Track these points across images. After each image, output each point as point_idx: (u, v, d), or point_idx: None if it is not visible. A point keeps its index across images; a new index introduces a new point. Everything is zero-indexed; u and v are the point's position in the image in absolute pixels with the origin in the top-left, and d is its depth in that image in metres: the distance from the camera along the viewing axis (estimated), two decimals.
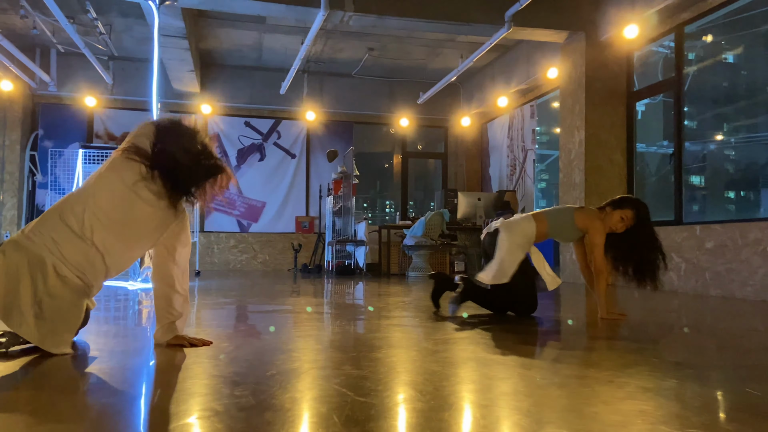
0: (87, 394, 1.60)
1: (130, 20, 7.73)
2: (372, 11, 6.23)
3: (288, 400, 1.48)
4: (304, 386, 1.65)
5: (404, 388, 1.63)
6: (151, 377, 1.82)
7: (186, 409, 1.40)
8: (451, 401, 1.51)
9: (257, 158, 10.30)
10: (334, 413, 1.35)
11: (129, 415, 1.39)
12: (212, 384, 1.66)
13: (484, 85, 9.56)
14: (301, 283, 6.73)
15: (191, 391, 1.58)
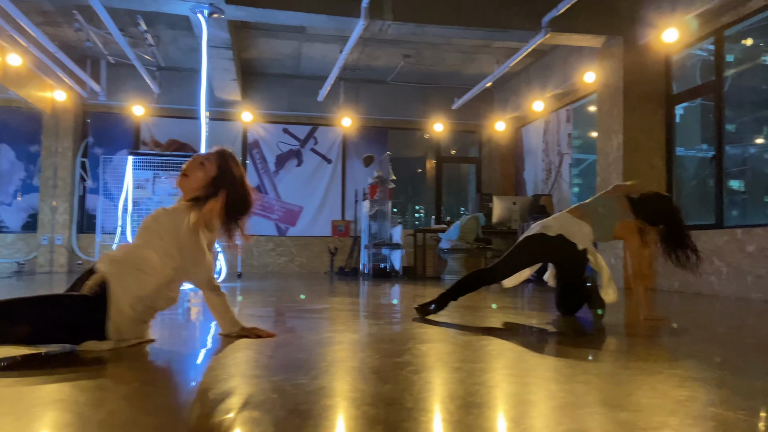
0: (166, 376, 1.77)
1: (176, 32, 8.05)
2: (410, 20, 6.39)
3: (346, 390, 1.63)
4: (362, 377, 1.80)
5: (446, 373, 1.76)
6: (216, 366, 1.99)
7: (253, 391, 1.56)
8: (501, 383, 1.63)
9: (295, 164, 10.55)
10: (402, 393, 1.49)
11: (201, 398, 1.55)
12: (270, 370, 1.82)
13: (520, 89, 9.62)
14: (341, 285, 6.90)
15: (250, 375, 1.74)
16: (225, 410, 1.35)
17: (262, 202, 10.40)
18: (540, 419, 1.31)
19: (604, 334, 2.93)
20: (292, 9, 6.15)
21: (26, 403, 1.40)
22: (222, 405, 1.40)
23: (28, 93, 8.40)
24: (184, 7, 6.05)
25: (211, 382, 1.69)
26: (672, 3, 6.08)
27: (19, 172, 9.70)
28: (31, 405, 1.37)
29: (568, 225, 3.45)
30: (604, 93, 7.07)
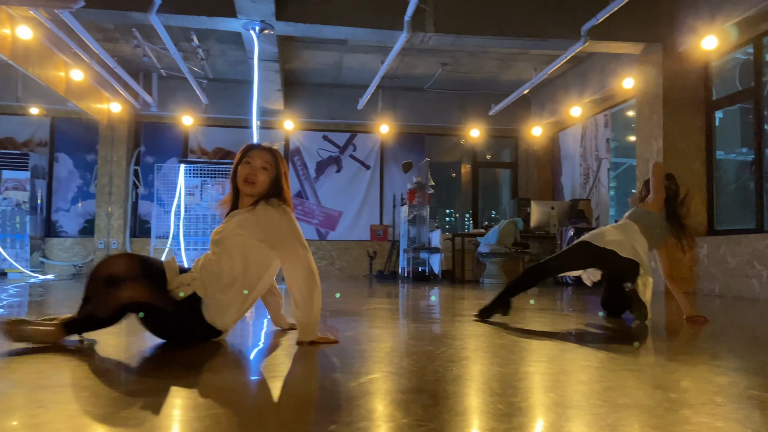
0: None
1: (225, 46, 8.45)
2: (451, 31, 6.61)
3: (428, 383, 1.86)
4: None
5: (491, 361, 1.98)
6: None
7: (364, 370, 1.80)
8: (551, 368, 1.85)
9: (334, 170, 10.87)
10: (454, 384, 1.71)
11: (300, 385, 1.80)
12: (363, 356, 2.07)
13: (557, 95, 9.73)
14: (383, 288, 7.14)
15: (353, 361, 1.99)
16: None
17: (303, 207, 10.75)
18: (596, 397, 1.52)
19: (648, 333, 3.10)
20: (338, 24, 6.44)
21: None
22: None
23: (87, 105, 8.91)
24: (237, 25, 6.40)
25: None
26: (711, 11, 6.16)
27: (77, 179, 10.26)
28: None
29: (624, 240, 3.46)
30: (643, 99, 7.17)
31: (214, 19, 6.30)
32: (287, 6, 6.32)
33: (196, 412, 1.31)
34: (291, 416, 1.30)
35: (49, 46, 7.26)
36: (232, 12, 6.16)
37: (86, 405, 1.38)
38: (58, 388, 1.54)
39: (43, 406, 1.33)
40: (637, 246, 3.44)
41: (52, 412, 1.29)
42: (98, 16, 6.40)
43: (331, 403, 1.42)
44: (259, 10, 6.05)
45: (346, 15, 6.43)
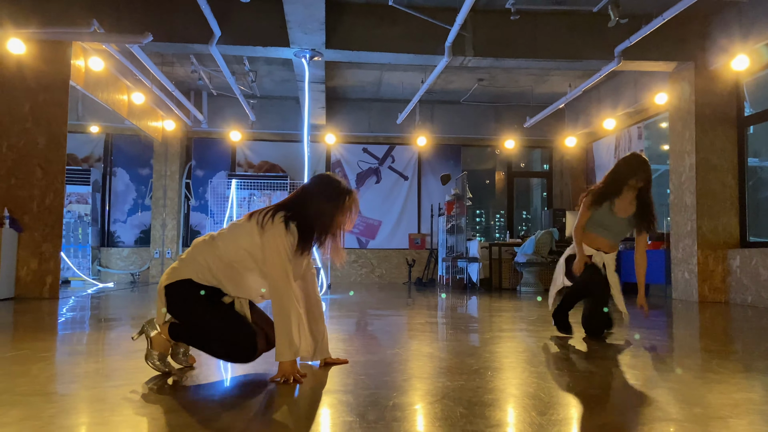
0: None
1: (272, 67, 8.96)
2: (489, 54, 6.98)
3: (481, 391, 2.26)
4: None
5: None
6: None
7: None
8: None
9: (374, 181, 11.31)
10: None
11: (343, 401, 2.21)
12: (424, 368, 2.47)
13: (590, 108, 9.98)
14: (422, 298, 7.53)
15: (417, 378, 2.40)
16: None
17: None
18: (631, 411, 1.90)
19: (678, 348, 3.42)
20: (382, 50, 6.87)
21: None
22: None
23: (144, 124, 9.54)
24: (289, 53, 6.88)
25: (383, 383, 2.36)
26: (742, 31, 6.39)
27: (132, 192, 10.93)
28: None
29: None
30: (675, 115, 7.41)
31: (268, 48, 6.80)
32: (335, 35, 6.77)
33: None
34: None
35: (115, 73, 7.88)
36: (285, 42, 6.65)
37: None
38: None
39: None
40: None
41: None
42: (163, 48, 6.97)
43: None
44: (311, 40, 6.52)
45: (391, 42, 6.85)
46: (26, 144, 6.37)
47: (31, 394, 1.99)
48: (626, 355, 3.01)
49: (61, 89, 6.40)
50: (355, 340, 3.47)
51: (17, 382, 2.17)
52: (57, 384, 2.22)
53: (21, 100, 6.36)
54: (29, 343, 3.17)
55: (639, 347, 3.28)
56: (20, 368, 2.44)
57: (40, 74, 6.34)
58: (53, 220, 6.37)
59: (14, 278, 6.17)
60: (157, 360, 2.30)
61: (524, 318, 4.86)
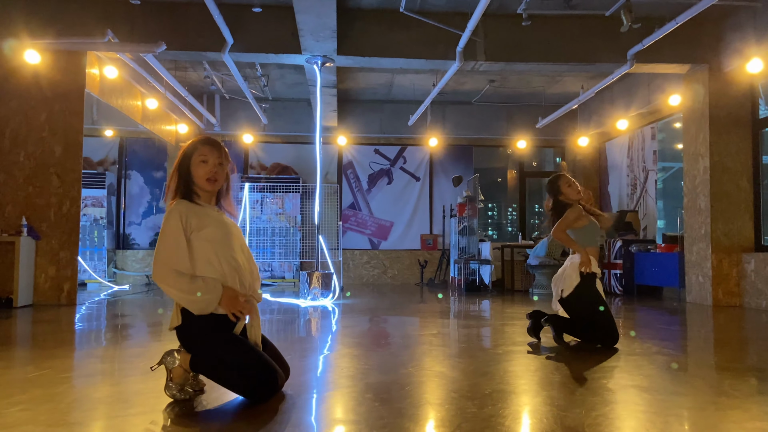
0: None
1: (284, 70, 8.99)
2: (501, 59, 6.96)
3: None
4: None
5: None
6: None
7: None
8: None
9: (386, 182, 11.34)
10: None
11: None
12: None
13: (603, 108, 9.92)
14: (436, 299, 7.55)
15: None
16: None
17: (357, 218, 11.26)
18: None
19: (692, 365, 3.42)
20: (394, 56, 6.88)
21: None
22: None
23: (157, 128, 9.62)
24: (301, 59, 6.91)
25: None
26: (757, 34, 6.31)
27: (147, 195, 11.04)
28: None
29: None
30: (689, 117, 7.34)
31: (280, 55, 6.83)
32: (347, 41, 6.79)
33: None
34: None
35: (129, 80, 7.96)
36: (297, 49, 6.68)
37: None
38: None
39: None
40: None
41: None
42: (176, 56, 7.03)
43: None
44: (322, 47, 6.54)
45: (402, 47, 6.85)
46: (43, 153, 6.46)
47: (54, 424, 2.05)
48: (637, 374, 3.01)
49: (76, 98, 6.48)
50: (367, 358, 3.50)
51: (40, 410, 2.23)
52: (78, 412, 2.27)
53: (38, 110, 6.45)
54: (50, 361, 3.24)
55: (652, 363, 3.28)
56: (43, 392, 2.50)
57: (56, 84, 6.42)
58: (70, 228, 6.47)
59: (32, 285, 6.28)
60: (175, 391, 2.35)
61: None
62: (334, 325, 5.14)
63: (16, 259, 6.00)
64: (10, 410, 2.21)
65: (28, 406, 2.28)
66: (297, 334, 4.67)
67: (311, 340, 4.28)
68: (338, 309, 6.31)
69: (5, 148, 6.38)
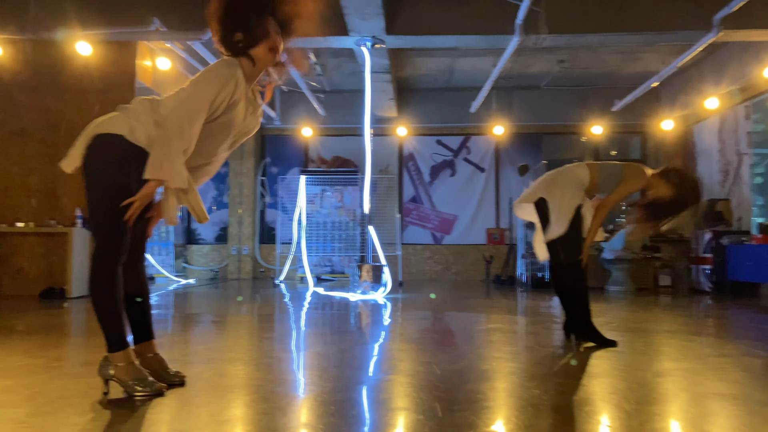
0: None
1: (340, 59, 8.73)
2: (566, 31, 6.33)
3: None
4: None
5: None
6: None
7: None
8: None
9: (448, 174, 10.84)
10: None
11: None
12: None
13: (689, 86, 8.96)
14: (505, 298, 7.02)
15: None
16: None
17: (418, 212, 10.84)
18: None
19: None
20: (447, 33, 6.42)
21: None
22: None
23: None
24: (350, 42, 6.60)
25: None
26: None
27: (212, 190, 11.16)
28: None
29: (565, 166, 3.53)
30: None
31: (328, 38, 6.55)
32: (397, 20, 6.40)
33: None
34: None
35: (183, 72, 7.97)
36: (344, 31, 6.37)
37: None
38: None
39: None
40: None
41: None
42: None
43: None
44: (370, 27, 6.19)
45: (456, 24, 6.39)
46: None
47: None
48: (721, 379, 2.43)
49: (127, 89, 6.50)
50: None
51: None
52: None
53: (91, 101, 6.51)
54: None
55: (738, 366, 2.67)
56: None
57: (107, 75, 6.47)
58: None
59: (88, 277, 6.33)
60: (139, 386, 2.06)
61: (615, 330, 4.26)
62: (372, 319, 4.77)
63: (70, 250, 6.06)
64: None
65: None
66: (334, 326, 4.34)
67: (344, 334, 3.93)
68: (389, 303, 5.94)
69: (61, 140, 6.48)
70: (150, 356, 2.24)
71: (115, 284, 2.09)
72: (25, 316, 4.63)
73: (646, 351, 3.15)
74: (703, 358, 2.91)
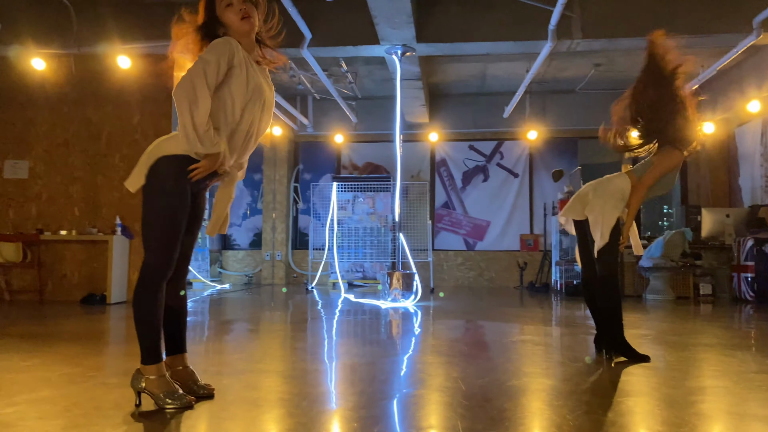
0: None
1: (371, 67, 8.78)
2: (601, 35, 6.23)
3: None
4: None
5: None
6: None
7: None
8: None
9: (481, 179, 10.77)
10: None
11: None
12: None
13: (730, 89, 8.69)
14: (535, 307, 6.93)
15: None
16: None
17: (451, 218, 10.79)
18: None
19: None
20: (478, 40, 6.39)
21: None
22: None
23: None
24: (380, 50, 6.63)
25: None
26: None
27: (246, 197, 11.34)
28: None
29: (606, 177, 3.46)
30: None
31: (359, 47, 6.60)
32: (427, 28, 6.41)
33: None
34: None
35: None
36: (375, 40, 6.40)
37: None
38: None
39: None
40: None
41: None
42: None
43: None
44: (400, 35, 6.21)
45: (487, 30, 6.35)
46: (136, 155, 6.66)
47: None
48: (756, 400, 2.34)
49: (165, 101, 6.67)
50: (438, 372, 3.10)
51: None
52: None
53: (130, 113, 6.72)
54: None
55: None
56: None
57: (146, 87, 6.65)
58: None
59: (126, 283, 6.52)
60: (169, 399, 2.11)
61: (650, 342, 4.16)
62: (403, 329, 4.77)
63: (110, 257, 6.26)
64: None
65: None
66: (365, 336, 4.36)
67: (373, 344, 3.95)
68: (419, 311, 5.93)
69: (102, 150, 6.71)
70: (180, 369, 2.30)
71: (159, 299, 2.17)
72: (68, 322, 4.80)
73: (682, 366, 3.07)
74: (744, 375, 2.81)
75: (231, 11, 2.26)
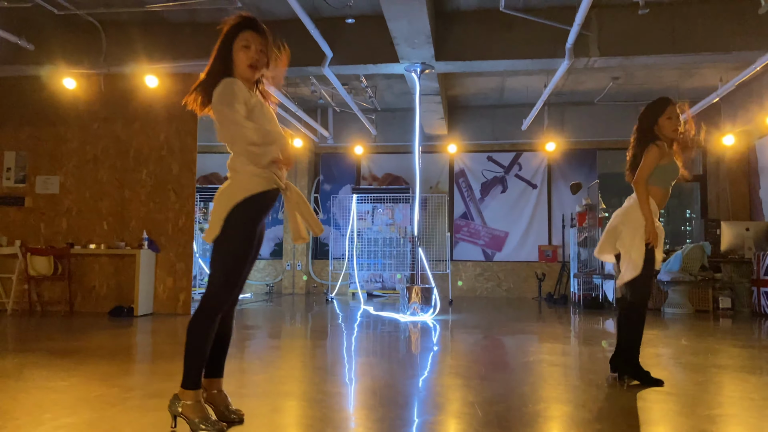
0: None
1: (391, 81, 8.92)
2: (618, 53, 6.28)
3: None
4: None
5: None
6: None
7: None
8: None
9: (499, 190, 10.83)
10: None
11: None
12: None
13: (750, 101, 8.65)
14: (559, 320, 6.98)
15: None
16: None
17: (469, 228, 10.87)
18: None
19: None
20: (496, 58, 6.49)
21: None
22: None
23: None
24: (399, 68, 6.77)
25: None
26: None
27: None
28: None
29: (629, 205, 3.50)
30: None
31: (379, 65, 6.74)
32: (445, 46, 6.52)
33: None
34: None
35: None
36: (394, 58, 6.54)
37: None
38: None
39: None
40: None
41: None
42: None
43: None
44: (420, 54, 6.34)
45: (505, 49, 6.45)
46: (162, 170, 6.93)
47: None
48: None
49: (190, 119, 6.87)
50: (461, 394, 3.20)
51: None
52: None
53: (157, 130, 6.93)
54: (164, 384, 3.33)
55: None
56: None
57: (172, 105, 6.86)
58: (185, 241, 6.86)
59: (152, 296, 6.72)
60: (203, 425, 2.24)
61: (667, 361, 4.21)
62: (421, 344, 4.87)
63: (137, 270, 6.46)
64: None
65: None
66: (384, 353, 4.47)
67: (394, 360, 4.06)
68: (438, 325, 6.03)
69: (129, 166, 6.93)
70: (215, 392, 2.44)
71: (213, 328, 2.31)
72: (99, 336, 4.98)
73: (698, 391, 3.12)
74: (757, 402, 2.87)
75: (244, 54, 2.37)
